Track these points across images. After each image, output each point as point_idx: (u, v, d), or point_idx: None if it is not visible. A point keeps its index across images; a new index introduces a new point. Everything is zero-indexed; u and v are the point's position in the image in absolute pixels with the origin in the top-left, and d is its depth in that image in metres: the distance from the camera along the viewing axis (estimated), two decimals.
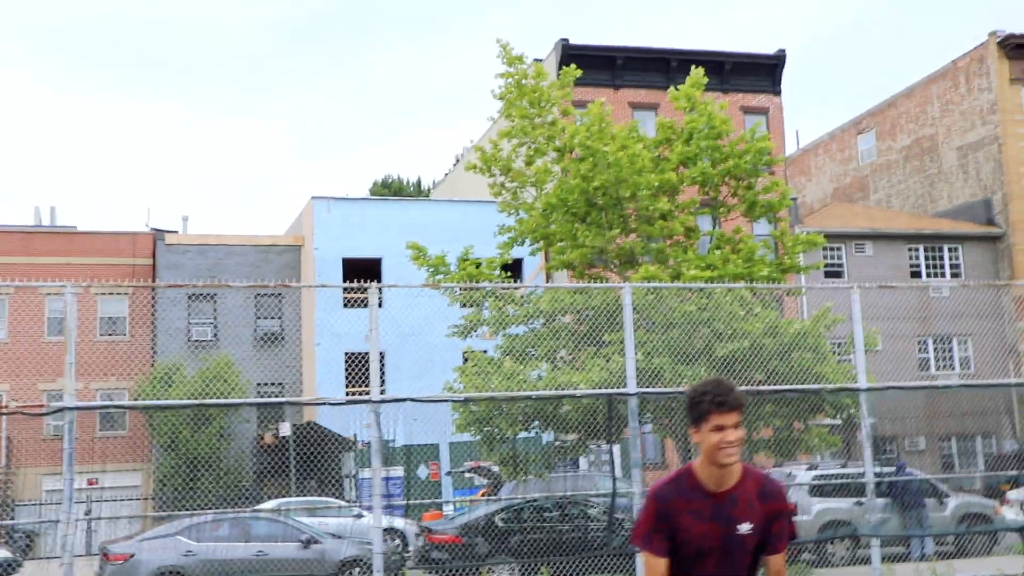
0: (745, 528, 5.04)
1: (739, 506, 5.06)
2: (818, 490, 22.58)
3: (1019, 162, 47.50)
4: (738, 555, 5.11)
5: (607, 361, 19.30)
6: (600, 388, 18.51)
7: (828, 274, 44.91)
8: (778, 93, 45.83)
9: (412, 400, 20.51)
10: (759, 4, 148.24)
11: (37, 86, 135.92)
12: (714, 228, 24.00)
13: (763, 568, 5.32)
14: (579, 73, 25.38)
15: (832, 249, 45.39)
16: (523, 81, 23.39)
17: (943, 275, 46.76)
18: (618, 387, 17.95)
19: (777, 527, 5.15)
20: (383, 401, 17.48)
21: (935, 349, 45.53)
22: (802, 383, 19.68)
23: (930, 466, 40.49)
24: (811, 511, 22.28)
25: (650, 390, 18.17)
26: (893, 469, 24.73)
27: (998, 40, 47.35)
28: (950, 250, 47.16)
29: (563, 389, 18.97)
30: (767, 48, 68.10)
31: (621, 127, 23.43)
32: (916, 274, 46.27)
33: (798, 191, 58.15)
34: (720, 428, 4.90)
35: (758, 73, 45.47)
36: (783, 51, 45.59)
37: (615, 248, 22.37)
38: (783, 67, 45.65)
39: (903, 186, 52.99)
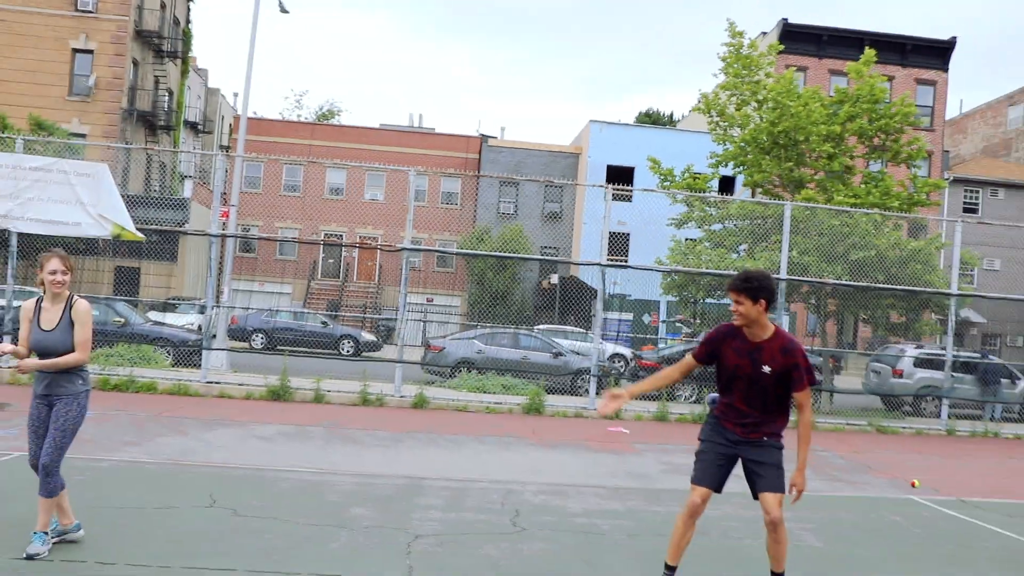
0: (766, 369, 5.51)
1: (764, 354, 5.52)
2: (922, 363, 21.42)
3: None
4: (761, 384, 5.57)
5: (770, 254, 19.41)
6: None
7: (966, 210, 42.82)
8: (946, 70, 42.75)
9: (626, 267, 21.26)
10: None
11: (418, 28, 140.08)
12: (866, 169, 23.35)
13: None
14: (781, 47, 24.85)
15: (972, 191, 43.28)
16: (740, 50, 23.14)
17: None
18: (774, 274, 18.25)
19: (796, 374, 5.52)
20: (608, 265, 18.19)
21: None
22: (914, 286, 19.44)
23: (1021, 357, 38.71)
24: (913, 376, 21.38)
25: (794, 277, 18.39)
26: (979, 354, 24.14)
27: None
28: None
29: (734, 270, 19.30)
30: (949, 33, 63.47)
31: (808, 89, 23.00)
32: None
33: (955, 146, 54.88)
34: (733, 302, 5.53)
35: (932, 53, 42.58)
36: (955, 38, 42.47)
37: (788, 176, 22.24)
38: (952, 50, 42.44)
39: None
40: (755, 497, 5.75)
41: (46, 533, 5.82)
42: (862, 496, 10.48)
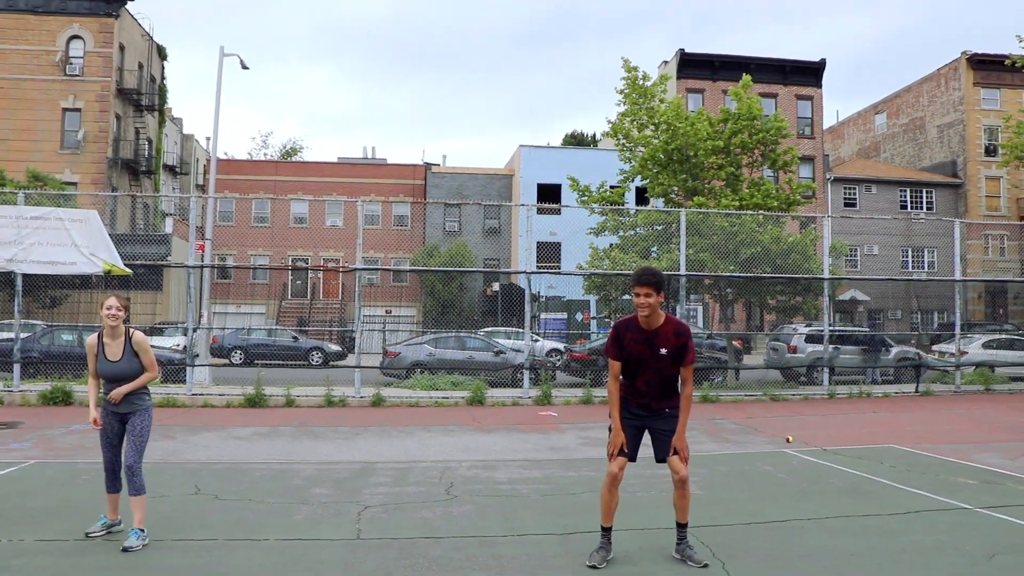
0: (663, 351, 5.72)
1: (660, 338, 5.72)
2: (812, 339, 22.29)
3: (976, 137, 45.52)
4: (659, 364, 5.76)
5: (672, 254, 20.08)
6: (666, 271, 19.46)
7: (846, 204, 44.25)
8: (820, 86, 44.09)
9: (548, 272, 21.86)
10: (832, 16, 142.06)
11: (366, 74, 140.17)
12: (750, 176, 24.09)
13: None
14: (670, 78, 25.52)
15: (849, 188, 44.68)
16: (636, 82, 23.70)
17: (922, 209, 45.27)
18: (675, 271, 19.01)
19: (685, 351, 5.77)
20: (534, 272, 18.71)
21: (912, 256, 44.57)
22: (794, 275, 20.28)
23: (904, 327, 40.06)
24: (805, 351, 21.97)
25: (692, 273, 19.13)
26: (855, 328, 25.14)
27: (967, 57, 45.26)
28: (927, 192, 45.44)
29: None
30: (820, 55, 64.81)
31: (696, 111, 23.71)
32: (904, 207, 45.01)
33: (834, 150, 56.51)
34: (637, 294, 5.65)
35: (808, 73, 43.99)
36: (824, 59, 43.79)
37: (684, 186, 22.90)
38: (824, 69, 43.90)
39: (902, 149, 50.74)
40: (659, 461, 5.94)
41: (142, 530, 6.17)
42: (743, 452, 11.20)
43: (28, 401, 15.75)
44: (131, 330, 6.41)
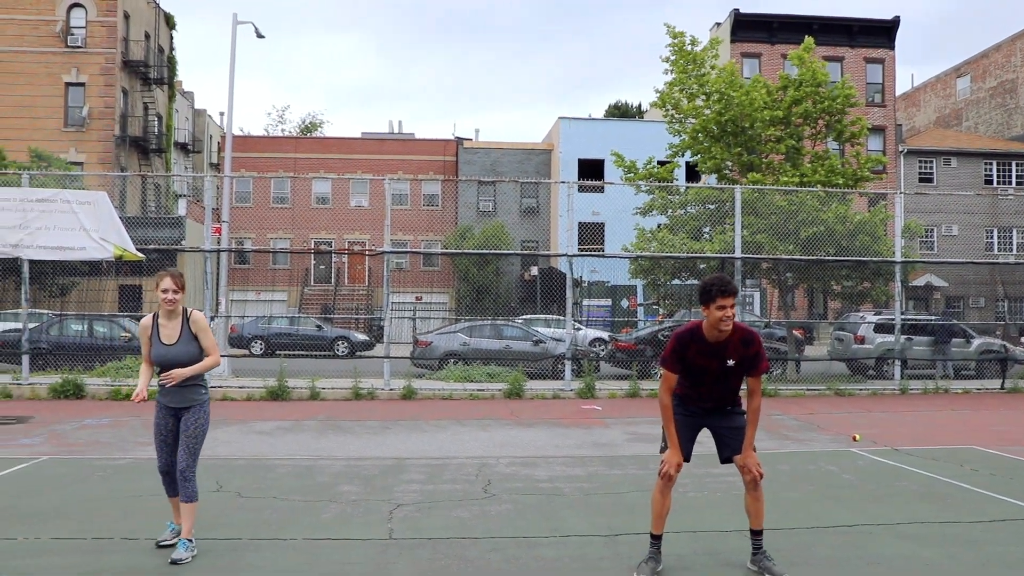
0: (731, 362, 5.64)
1: (729, 349, 5.63)
2: (882, 328, 21.88)
3: None
4: (726, 377, 5.72)
5: (725, 235, 19.97)
6: (719, 253, 19.41)
7: (922, 179, 43.60)
8: (893, 48, 43.31)
9: (591, 255, 21.91)
10: None
11: (391, 43, 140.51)
12: (813, 149, 23.73)
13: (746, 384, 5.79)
14: (721, 42, 25.18)
15: (925, 162, 44.01)
16: (683, 47, 23.37)
17: (1010, 184, 44.10)
18: (729, 253, 18.96)
19: (756, 360, 5.67)
20: (575, 255, 18.78)
21: (999, 236, 43.76)
22: (862, 258, 20.10)
23: (987, 316, 39.35)
24: (874, 342, 21.92)
25: (748, 255, 19.06)
26: (933, 317, 24.85)
27: None
28: (1017, 164, 44.18)
29: (693, 253, 19.95)
30: (892, 12, 63.81)
31: (752, 78, 23.41)
32: (989, 182, 43.79)
33: (908, 119, 55.65)
34: (722, 307, 5.48)
35: (878, 33, 43.28)
36: (898, 17, 42.89)
37: (739, 160, 22.68)
38: (897, 28, 43.08)
39: (988, 116, 49.50)
40: (723, 461, 5.94)
41: (191, 540, 6.11)
42: (805, 451, 11.19)
43: (38, 394, 16.14)
44: (190, 310, 6.33)
